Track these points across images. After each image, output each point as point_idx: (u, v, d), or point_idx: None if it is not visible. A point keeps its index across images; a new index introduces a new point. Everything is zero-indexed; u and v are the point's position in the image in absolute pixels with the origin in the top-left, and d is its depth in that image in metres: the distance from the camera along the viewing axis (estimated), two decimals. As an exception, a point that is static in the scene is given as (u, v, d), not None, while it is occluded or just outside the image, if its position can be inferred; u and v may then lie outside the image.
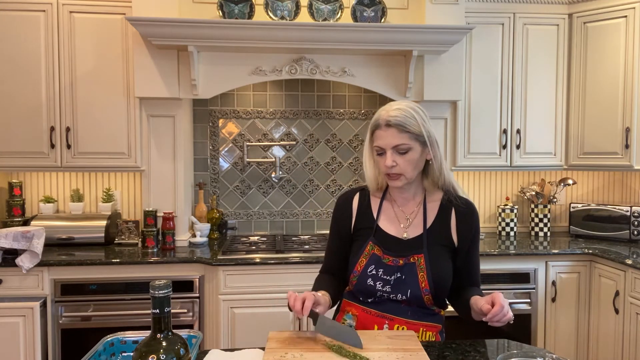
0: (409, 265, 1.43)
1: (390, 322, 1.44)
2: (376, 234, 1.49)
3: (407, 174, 1.41)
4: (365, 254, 1.47)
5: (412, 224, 1.48)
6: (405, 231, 1.48)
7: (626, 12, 2.95)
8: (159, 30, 2.58)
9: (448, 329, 1.66)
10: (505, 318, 1.25)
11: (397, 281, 1.43)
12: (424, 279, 1.42)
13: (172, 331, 0.98)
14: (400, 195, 1.51)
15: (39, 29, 2.78)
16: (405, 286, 1.42)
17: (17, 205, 2.93)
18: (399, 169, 1.40)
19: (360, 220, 1.53)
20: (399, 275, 1.43)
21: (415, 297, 1.42)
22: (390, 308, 1.45)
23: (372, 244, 1.48)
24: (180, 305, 2.63)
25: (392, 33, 2.69)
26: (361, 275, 1.46)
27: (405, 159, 1.39)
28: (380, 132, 1.41)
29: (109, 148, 2.87)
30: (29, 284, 2.54)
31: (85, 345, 2.53)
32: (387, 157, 1.39)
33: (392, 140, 1.38)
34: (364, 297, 1.49)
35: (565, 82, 3.17)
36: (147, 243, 2.81)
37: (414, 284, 1.42)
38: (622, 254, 2.72)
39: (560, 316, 2.88)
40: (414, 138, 1.39)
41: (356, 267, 1.47)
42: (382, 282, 1.44)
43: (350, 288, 1.53)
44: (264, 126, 3.32)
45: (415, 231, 1.47)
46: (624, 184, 3.48)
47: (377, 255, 1.46)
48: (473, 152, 3.12)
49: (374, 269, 1.45)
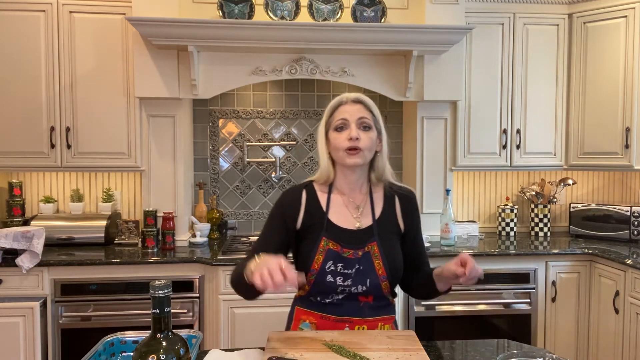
0: (366, 255, 1.44)
1: (350, 324, 1.44)
2: (328, 228, 1.46)
3: (365, 152, 1.43)
4: (321, 250, 1.44)
5: (362, 214, 1.49)
6: (358, 221, 1.48)
7: (626, 12, 2.95)
8: (159, 30, 2.58)
9: (448, 329, 1.66)
10: (479, 272, 1.31)
11: (357, 273, 1.43)
12: (380, 267, 1.44)
13: (172, 331, 0.98)
14: (348, 186, 1.50)
15: (39, 29, 2.78)
16: (365, 276, 1.43)
17: (17, 205, 2.93)
18: (361, 143, 1.41)
19: (308, 216, 1.49)
20: (358, 267, 1.43)
21: (374, 285, 1.44)
22: (348, 310, 1.44)
23: (325, 239, 1.45)
24: (180, 305, 2.63)
25: (392, 33, 2.69)
26: (319, 273, 1.43)
27: (367, 136, 1.43)
28: (346, 107, 1.45)
29: (109, 148, 2.87)
30: (29, 284, 2.54)
31: (85, 345, 2.52)
32: (352, 129, 1.42)
33: (359, 113, 1.44)
34: (322, 297, 1.46)
35: (565, 82, 3.17)
36: (147, 243, 2.81)
37: (372, 273, 1.43)
38: (622, 254, 2.72)
39: (560, 316, 2.88)
40: (374, 121, 1.46)
41: (313, 266, 1.43)
42: (343, 277, 1.42)
43: (303, 292, 1.49)
44: (264, 126, 3.32)
45: (366, 221, 1.48)
46: (624, 184, 3.48)
47: (333, 251, 1.44)
48: (473, 152, 3.12)
49: (333, 265, 1.43)
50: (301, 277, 1.28)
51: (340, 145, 1.42)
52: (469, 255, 1.31)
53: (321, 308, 1.47)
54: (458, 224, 3.19)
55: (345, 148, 1.41)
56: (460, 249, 2.85)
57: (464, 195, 3.49)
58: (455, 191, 3.43)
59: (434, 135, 3.09)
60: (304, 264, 1.45)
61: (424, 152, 3.09)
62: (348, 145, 1.41)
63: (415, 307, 2.76)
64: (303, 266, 1.45)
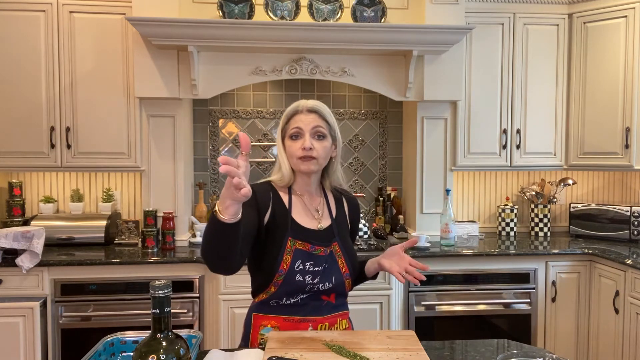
0: (331, 254, 1.49)
1: (314, 323, 1.46)
2: (293, 228, 1.48)
3: (320, 160, 1.47)
4: (288, 250, 1.44)
5: (322, 215, 1.54)
6: (319, 222, 1.52)
7: (626, 12, 2.95)
8: (159, 30, 2.58)
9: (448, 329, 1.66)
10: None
11: (324, 270, 1.47)
12: (343, 265, 1.51)
13: (172, 331, 0.98)
14: (305, 189, 1.55)
15: (39, 29, 2.78)
16: (330, 274, 1.47)
17: (17, 205, 2.93)
18: (315, 153, 1.45)
19: (274, 214, 1.49)
20: (326, 265, 1.47)
21: (339, 283, 1.49)
22: (310, 309, 1.46)
23: (292, 239, 1.46)
24: (180, 305, 2.63)
25: (392, 33, 2.69)
26: (288, 274, 1.43)
27: (322, 145, 1.46)
28: (301, 116, 1.48)
29: (109, 148, 2.87)
30: (29, 284, 2.54)
31: (85, 345, 2.53)
32: (306, 139, 1.45)
33: (313, 122, 1.47)
34: (287, 298, 1.45)
35: (565, 82, 3.17)
36: (147, 243, 2.81)
37: (337, 271, 1.49)
38: (622, 254, 2.72)
39: (560, 316, 2.88)
40: (328, 129, 1.49)
41: (281, 267, 1.42)
42: (312, 275, 1.44)
43: (266, 295, 1.47)
44: (264, 126, 3.32)
45: (325, 222, 1.54)
46: (624, 184, 3.48)
47: (301, 250, 1.45)
48: (473, 152, 3.12)
49: (301, 264, 1.45)
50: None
51: (294, 153, 1.47)
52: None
53: (282, 310, 1.46)
54: (458, 224, 3.19)
55: (299, 156, 1.46)
56: (460, 249, 2.85)
57: (464, 195, 3.49)
58: (455, 191, 3.43)
59: (434, 135, 3.09)
60: (271, 267, 1.43)
61: (424, 152, 3.09)
62: (302, 154, 1.45)
63: (415, 307, 2.76)
64: (269, 269, 1.43)
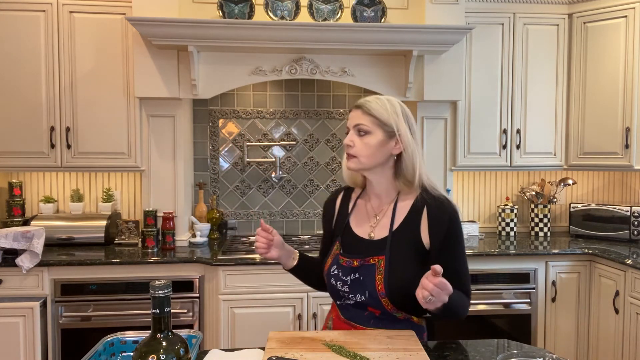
0: (367, 267, 1.39)
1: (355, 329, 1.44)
2: (344, 233, 1.50)
3: (362, 158, 1.39)
4: (332, 253, 1.49)
5: (379, 224, 1.44)
6: (372, 231, 1.45)
7: (626, 12, 2.95)
8: (159, 30, 2.58)
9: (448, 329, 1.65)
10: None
11: (355, 282, 1.41)
12: (380, 282, 1.36)
13: (172, 331, 0.98)
14: (372, 192, 1.49)
15: (39, 29, 2.78)
16: (363, 287, 1.39)
17: (17, 205, 2.93)
18: (354, 150, 1.40)
19: (339, 219, 1.54)
20: (357, 276, 1.40)
21: (373, 298, 1.38)
22: (354, 315, 1.45)
23: (338, 243, 1.49)
24: (180, 305, 2.63)
25: (392, 33, 2.69)
26: (326, 275, 1.49)
27: (363, 141, 1.39)
28: (351, 113, 1.45)
29: (109, 148, 2.87)
30: (29, 284, 2.54)
31: (85, 345, 2.53)
32: (348, 136, 1.43)
33: (356, 119, 1.41)
34: (333, 298, 1.51)
35: (565, 82, 3.17)
36: (147, 243, 2.81)
37: (371, 286, 1.37)
38: (622, 254, 2.72)
39: (560, 316, 2.88)
40: (377, 124, 1.38)
41: (325, 267, 1.50)
42: (342, 282, 1.44)
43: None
44: (264, 126, 3.32)
45: (381, 232, 1.43)
46: (624, 184, 3.48)
47: (338, 256, 1.48)
48: (473, 152, 3.12)
49: (336, 269, 1.46)
50: (276, 251, 1.54)
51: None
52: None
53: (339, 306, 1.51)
54: (458, 224, 3.19)
55: (346, 153, 1.45)
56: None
57: (464, 195, 3.49)
58: (455, 191, 3.43)
59: (434, 135, 3.09)
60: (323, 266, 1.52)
61: (424, 152, 3.09)
62: (346, 151, 1.44)
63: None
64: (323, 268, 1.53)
